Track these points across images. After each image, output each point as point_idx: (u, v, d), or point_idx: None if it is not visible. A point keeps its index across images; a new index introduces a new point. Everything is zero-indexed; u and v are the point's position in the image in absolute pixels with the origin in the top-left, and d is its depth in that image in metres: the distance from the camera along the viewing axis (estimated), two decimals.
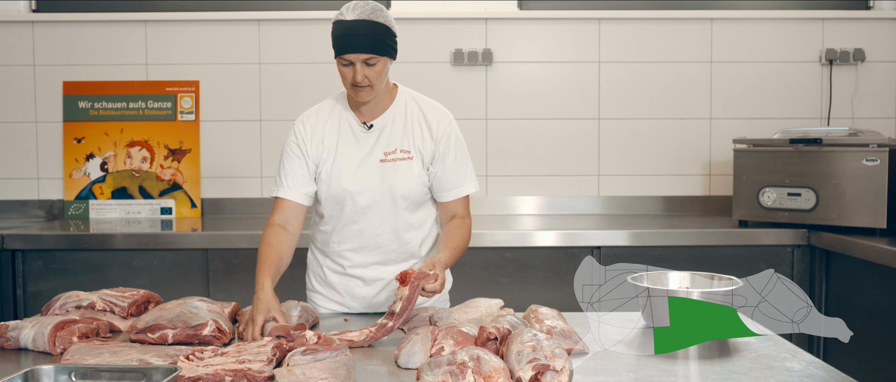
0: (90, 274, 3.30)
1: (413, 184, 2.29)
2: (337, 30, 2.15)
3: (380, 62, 2.17)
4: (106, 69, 4.00)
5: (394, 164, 2.28)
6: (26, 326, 1.95)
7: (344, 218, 2.32)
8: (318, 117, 2.32)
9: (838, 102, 4.03)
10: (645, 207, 4.03)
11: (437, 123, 2.31)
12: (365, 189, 2.28)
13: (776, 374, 1.70)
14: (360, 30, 2.12)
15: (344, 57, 2.15)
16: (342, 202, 2.30)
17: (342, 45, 2.14)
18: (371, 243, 2.34)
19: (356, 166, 2.28)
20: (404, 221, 2.33)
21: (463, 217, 2.37)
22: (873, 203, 3.20)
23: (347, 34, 2.12)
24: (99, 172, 3.98)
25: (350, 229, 2.33)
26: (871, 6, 4.08)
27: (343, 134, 2.30)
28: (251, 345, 1.79)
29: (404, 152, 2.29)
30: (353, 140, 2.30)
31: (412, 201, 2.31)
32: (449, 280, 2.55)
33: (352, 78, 2.17)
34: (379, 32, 2.15)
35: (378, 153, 2.29)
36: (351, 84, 2.19)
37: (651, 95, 4.03)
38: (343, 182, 2.28)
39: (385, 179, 2.28)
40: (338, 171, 2.28)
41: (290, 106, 4.01)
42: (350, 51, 2.13)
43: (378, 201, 2.29)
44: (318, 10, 3.98)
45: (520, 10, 4.01)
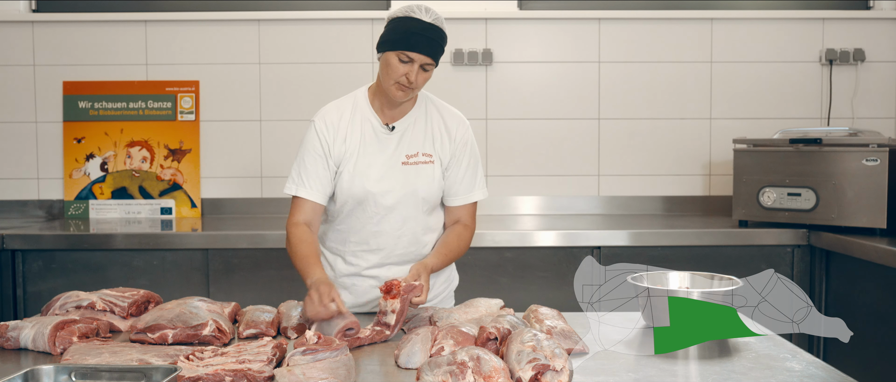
0: (90, 274, 3.30)
1: (434, 187, 2.31)
2: (408, 26, 2.13)
3: (431, 71, 2.20)
4: (106, 69, 4.00)
5: (416, 167, 2.29)
6: (26, 326, 1.95)
7: (364, 219, 2.31)
8: (341, 116, 2.30)
9: (838, 102, 4.03)
10: (645, 207, 4.03)
11: (455, 128, 2.33)
12: (389, 191, 2.28)
13: (776, 374, 1.70)
14: (433, 34, 2.14)
15: (407, 53, 2.14)
16: (364, 203, 2.29)
17: (412, 42, 2.12)
18: (389, 244, 2.34)
19: (380, 168, 2.28)
20: (423, 223, 2.34)
21: (466, 225, 2.38)
22: (873, 203, 3.20)
23: (421, 34, 2.12)
24: (99, 172, 3.98)
25: (369, 230, 2.33)
26: (871, 6, 4.08)
27: (366, 135, 2.29)
28: (251, 345, 1.80)
29: (426, 155, 2.30)
30: (375, 141, 2.29)
31: (432, 203, 2.33)
32: (455, 278, 2.57)
33: (403, 76, 2.16)
34: (442, 42, 2.19)
35: (400, 155, 2.29)
36: (397, 81, 2.18)
37: (651, 96, 4.03)
38: (367, 183, 2.27)
39: (408, 181, 2.29)
40: (361, 172, 2.27)
41: (290, 106, 4.01)
42: (418, 50, 2.13)
43: (401, 202, 2.30)
44: (319, 10, 3.98)
45: (520, 10, 4.01)
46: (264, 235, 3.31)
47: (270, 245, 3.30)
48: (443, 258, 2.27)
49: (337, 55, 4.00)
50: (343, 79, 3.97)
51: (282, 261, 3.32)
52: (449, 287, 2.53)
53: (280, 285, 3.31)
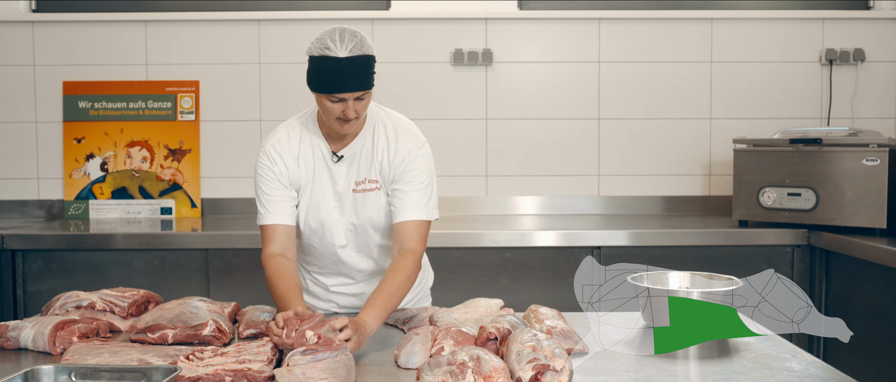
0: (90, 274, 3.30)
1: (382, 213, 2.25)
2: (325, 66, 2.03)
3: (368, 95, 2.10)
4: (106, 69, 4.00)
5: (364, 194, 2.23)
6: (26, 326, 1.95)
7: (323, 247, 2.30)
8: (291, 143, 2.24)
9: (838, 102, 4.03)
10: (645, 207, 4.03)
11: (405, 148, 2.21)
12: (340, 222, 2.25)
13: (776, 374, 1.70)
14: (354, 68, 2.02)
15: (335, 95, 2.05)
16: (321, 235, 2.27)
17: (335, 84, 2.02)
18: (350, 267, 2.34)
19: (332, 198, 2.24)
20: (380, 246, 2.32)
21: (409, 250, 2.16)
22: (873, 203, 3.20)
23: (342, 73, 2.01)
24: (99, 172, 3.98)
25: (329, 259, 2.33)
26: (871, 6, 4.08)
27: (317, 162, 2.23)
28: (251, 345, 1.79)
29: (372, 182, 2.23)
30: (325, 169, 2.23)
31: (384, 229, 2.28)
32: (429, 276, 2.55)
33: (341, 113, 2.08)
34: (369, 67, 2.07)
35: (350, 183, 2.23)
36: (337, 119, 2.10)
37: (651, 95, 4.03)
38: (321, 215, 2.25)
39: (358, 210, 2.24)
40: (315, 202, 2.24)
41: (290, 106, 4.00)
42: (345, 90, 2.03)
43: (356, 231, 2.28)
44: (318, 10, 3.98)
45: (520, 10, 4.00)
46: None
47: None
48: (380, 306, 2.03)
49: None
50: None
51: None
52: (421, 287, 2.48)
53: (258, 289, 3.29)
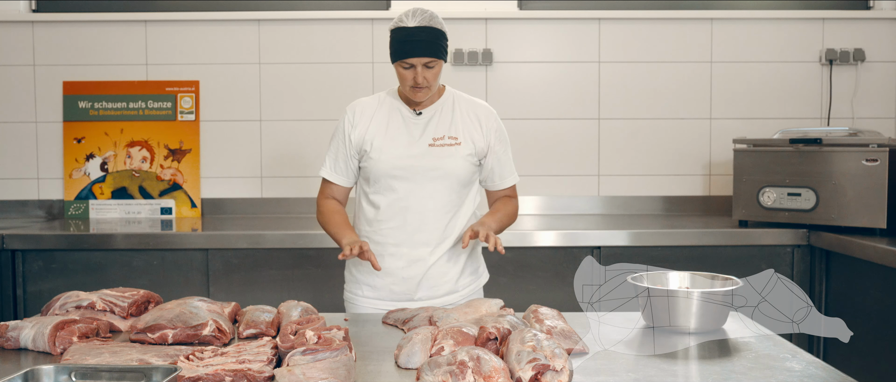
0: (90, 274, 3.30)
1: (460, 164, 2.44)
2: (398, 36, 2.32)
3: (437, 65, 2.35)
4: (106, 69, 4.00)
5: (442, 148, 2.43)
6: (26, 326, 1.95)
7: (391, 195, 2.44)
8: (370, 103, 2.50)
9: (838, 102, 4.03)
10: (645, 207, 4.03)
11: (486, 118, 2.50)
12: (412, 167, 2.42)
13: (776, 374, 1.70)
14: (421, 36, 2.30)
15: (406, 61, 2.32)
16: (390, 180, 2.43)
17: (405, 50, 2.30)
18: (415, 221, 2.44)
19: (406, 147, 2.43)
20: (449, 202, 2.45)
21: (511, 197, 2.58)
22: (873, 203, 3.20)
23: (410, 40, 2.29)
24: (99, 172, 3.98)
25: (397, 206, 2.44)
26: (871, 6, 4.08)
27: (393, 120, 2.46)
28: (251, 345, 1.79)
29: (452, 138, 2.45)
30: (402, 125, 2.45)
31: (459, 180, 2.44)
32: (485, 274, 2.65)
33: (412, 80, 2.34)
34: (437, 37, 2.33)
35: (427, 138, 2.44)
36: (411, 86, 2.36)
37: (651, 95, 4.03)
38: (393, 160, 2.42)
39: (433, 161, 2.42)
40: (388, 150, 2.43)
41: (291, 106, 4.01)
42: (413, 55, 2.30)
43: (427, 179, 2.42)
44: (319, 11, 3.98)
45: (520, 10, 4.00)
46: (264, 235, 3.31)
47: (270, 245, 3.30)
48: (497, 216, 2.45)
49: (337, 55, 4.00)
50: (343, 79, 3.97)
51: (282, 261, 3.32)
52: (478, 282, 2.59)
53: (280, 285, 3.31)
